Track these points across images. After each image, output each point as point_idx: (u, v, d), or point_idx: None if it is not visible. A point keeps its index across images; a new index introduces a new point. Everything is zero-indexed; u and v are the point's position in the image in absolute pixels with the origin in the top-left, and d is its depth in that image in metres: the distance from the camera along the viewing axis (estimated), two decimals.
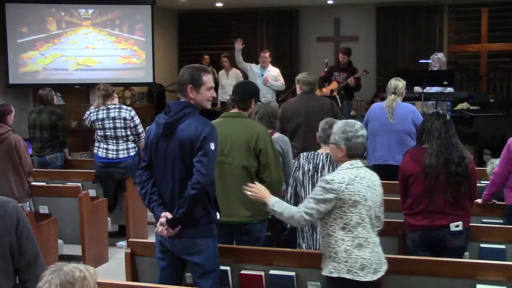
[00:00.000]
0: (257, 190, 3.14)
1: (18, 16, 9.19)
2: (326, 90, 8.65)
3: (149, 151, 3.23)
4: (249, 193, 3.15)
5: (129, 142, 5.94)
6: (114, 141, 5.88)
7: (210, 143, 3.03)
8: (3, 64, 9.15)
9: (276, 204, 3.07)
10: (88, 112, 6.06)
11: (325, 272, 3.04)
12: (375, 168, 5.40)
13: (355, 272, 2.95)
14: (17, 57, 9.27)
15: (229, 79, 9.08)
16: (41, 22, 9.42)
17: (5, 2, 9.05)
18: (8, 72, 9.15)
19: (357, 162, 3.12)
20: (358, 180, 3.02)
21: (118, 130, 5.86)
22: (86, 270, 1.94)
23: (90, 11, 9.64)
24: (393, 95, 5.33)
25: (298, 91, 5.57)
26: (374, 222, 3.08)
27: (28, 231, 2.37)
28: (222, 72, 9.46)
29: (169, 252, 3.23)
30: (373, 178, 3.13)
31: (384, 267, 3.06)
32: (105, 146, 5.91)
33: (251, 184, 3.17)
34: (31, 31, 9.34)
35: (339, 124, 3.17)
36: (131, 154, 5.96)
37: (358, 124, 3.16)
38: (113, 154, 5.88)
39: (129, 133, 5.91)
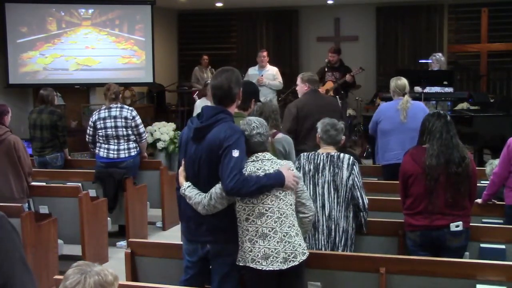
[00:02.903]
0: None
1: (18, 16, 9.19)
2: (321, 90, 8.62)
3: (181, 154, 3.28)
4: None
5: (131, 142, 5.95)
6: (116, 141, 5.90)
7: (233, 150, 3.00)
8: (3, 64, 9.15)
9: (188, 189, 3.14)
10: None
11: (236, 261, 3.14)
12: (388, 167, 5.39)
13: (258, 261, 3.04)
14: (17, 57, 9.27)
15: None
16: (41, 22, 9.42)
17: (5, 2, 9.05)
18: (8, 72, 9.15)
19: (264, 155, 3.16)
20: (261, 172, 3.06)
21: (120, 129, 5.87)
22: (114, 274, 1.93)
23: (90, 11, 9.64)
24: (406, 96, 5.36)
25: (305, 89, 5.41)
26: (288, 212, 3.09)
27: (6, 250, 2.12)
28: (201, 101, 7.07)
29: (198, 262, 3.25)
30: None
31: (300, 257, 3.08)
32: (106, 146, 5.92)
33: None
34: (31, 31, 9.34)
35: (241, 122, 3.24)
36: (132, 154, 5.97)
37: (255, 122, 3.19)
38: (114, 153, 5.90)
39: (130, 132, 5.92)
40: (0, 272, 2.10)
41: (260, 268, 3.03)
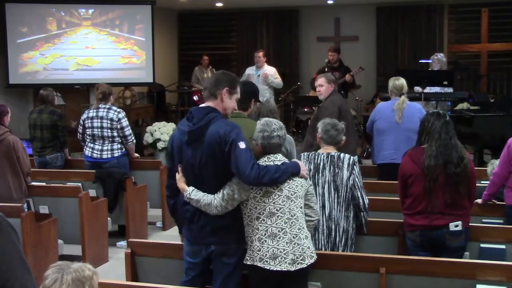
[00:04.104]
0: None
1: (18, 16, 9.19)
2: None
3: (174, 160, 3.24)
4: None
5: (115, 143, 5.96)
6: (101, 141, 5.94)
7: (239, 143, 2.99)
8: (3, 64, 9.15)
9: (193, 192, 3.12)
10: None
11: (244, 260, 3.14)
12: (382, 166, 5.43)
13: (266, 261, 3.05)
14: (17, 57, 9.27)
15: None
16: (41, 22, 9.42)
17: (5, 2, 9.06)
18: (8, 72, 9.16)
19: (276, 156, 3.19)
20: None
21: (105, 130, 5.89)
22: (92, 269, 1.94)
23: (90, 11, 9.64)
24: (402, 97, 5.38)
25: (331, 89, 5.54)
26: (298, 214, 3.11)
27: (5, 251, 2.10)
28: None
29: (200, 263, 3.25)
30: None
31: (308, 260, 3.09)
32: (92, 145, 5.97)
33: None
34: (31, 31, 9.34)
35: (260, 122, 3.26)
36: (115, 155, 5.96)
37: (276, 124, 3.22)
38: (97, 153, 5.93)
39: (115, 134, 5.93)
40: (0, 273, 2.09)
41: (268, 268, 3.04)
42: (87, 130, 5.97)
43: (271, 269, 3.03)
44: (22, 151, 5.07)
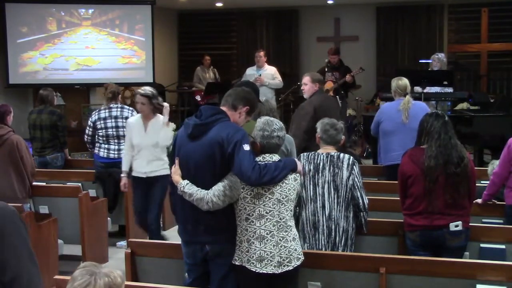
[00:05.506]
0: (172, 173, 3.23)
1: (18, 16, 9.20)
2: None
3: (175, 155, 3.27)
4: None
5: None
6: (116, 141, 5.90)
7: (244, 145, 3.03)
8: (3, 64, 9.15)
9: (187, 186, 3.12)
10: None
11: (233, 260, 3.16)
12: (391, 168, 5.38)
13: (253, 263, 3.07)
14: (17, 57, 9.27)
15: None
16: (41, 22, 9.42)
17: (5, 2, 9.06)
18: (8, 72, 9.16)
19: (272, 156, 3.18)
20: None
21: (120, 130, 5.88)
22: (122, 277, 1.94)
23: (90, 11, 9.64)
24: (407, 96, 5.36)
25: (315, 89, 5.39)
26: (287, 217, 3.12)
27: (15, 245, 2.14)
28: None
29: (199, 265, 3.26)
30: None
31: (295, 262, 3.10)
32: (106, 146, 5.92)
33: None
34: (31, 31, 9.35)
35: (261, 120, 3.26)
36: None
37: (277, 124, 3.22)
38: (114, 153, 5.90)
39: None
40: (8, 268, 2.10)
41: (254, 270, 3.05)
42: (100, 131, 5.91)
43: (257, 271, 3.05)
44: (26, 150, 5.07)
